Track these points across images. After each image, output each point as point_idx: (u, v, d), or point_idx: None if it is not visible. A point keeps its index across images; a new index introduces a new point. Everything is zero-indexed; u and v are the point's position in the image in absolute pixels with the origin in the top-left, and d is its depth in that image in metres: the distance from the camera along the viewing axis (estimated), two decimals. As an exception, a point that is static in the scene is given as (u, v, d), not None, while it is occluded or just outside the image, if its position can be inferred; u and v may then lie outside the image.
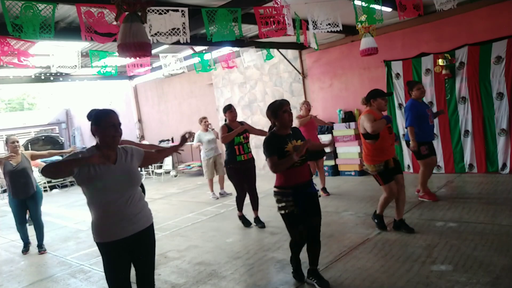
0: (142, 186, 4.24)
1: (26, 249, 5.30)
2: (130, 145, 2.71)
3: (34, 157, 5.44)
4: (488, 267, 3.21)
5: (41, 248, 5.28)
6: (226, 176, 5.52)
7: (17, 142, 5.21)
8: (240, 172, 5.20)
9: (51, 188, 11.73)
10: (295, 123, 6.15)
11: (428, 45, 6.92)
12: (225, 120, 5.38)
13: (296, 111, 8.97)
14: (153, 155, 2.82)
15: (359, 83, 7.94)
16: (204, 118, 7.64)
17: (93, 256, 4.84)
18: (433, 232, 4.17)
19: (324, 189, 6.59)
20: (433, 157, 5.42)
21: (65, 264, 4.70)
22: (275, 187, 3.24)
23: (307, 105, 6.51)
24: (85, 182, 2.36)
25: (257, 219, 5.32)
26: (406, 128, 5.34)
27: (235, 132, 5.13)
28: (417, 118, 5.20)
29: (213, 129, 7.70)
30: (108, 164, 2.34)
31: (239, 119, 5.53)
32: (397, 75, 7.37)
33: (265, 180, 8.66)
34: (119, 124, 2.48)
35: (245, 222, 5.34)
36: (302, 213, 3.15)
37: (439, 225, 4.39)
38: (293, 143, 3.15)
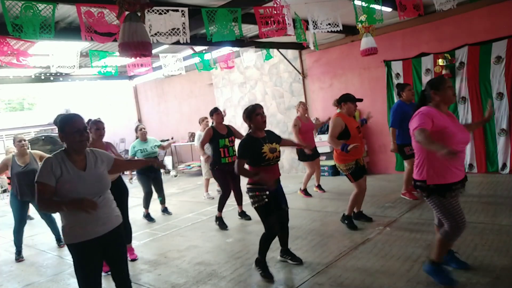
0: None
1: (20, 257, 5.08)
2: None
3: (42, 159, 5.35)
4: (488, 267, 3.21)
5: (60, 242, 5.42)
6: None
7: (24, 141, 5.12)
8: (226, 174, 5.34)
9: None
10: (294, 132, 6.46)
11: (428, 45, 6.91)
12: (212, 123, 5.55)
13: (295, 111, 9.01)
14: (123, 163, 2.84)
15: (359, 83, 7.94)
16: (206, 118, 7.64)
17: (93, 256, 4.84)
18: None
19: (319, 186, 6.83)
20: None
21: (65, 264, 4.70)
22: (249, 183, 3.48)
23: (303, 105, 6.61)
24: (59, 188, 2.39)
25: (243, 213, 5.64)
26: (389, 128, 5.53)
27: (205, 157, 5.54)
28: (402, 120, 5.24)
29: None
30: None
31: (239, 119, 5.59)
32: (397, 75, 7.37)
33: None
34: (85, 128, 2.46)
35: (222, 225, 5.37)
36: (275, 205, 3.50)
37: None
38: (269, 146, 3.45)
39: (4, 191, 10.93)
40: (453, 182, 2.80)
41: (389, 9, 5.57)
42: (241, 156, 3.44)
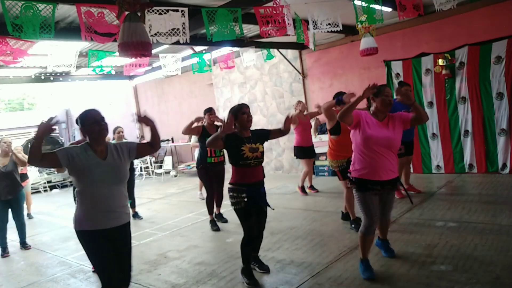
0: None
1: (5, 253, 5.28)
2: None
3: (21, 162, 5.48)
4: (488, 267, 3.21)
5: (25, 245, 5.49)
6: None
7: (10, 143, 5.34)
8: (210, 174, 5.35)
9: (51, 188, 11.73)
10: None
11: (428, 45, 6.92)
12: (204, 122, 5.49)
13: (293, 111, 9.00)
14: (147, 145, 2.88)
15: (359, 83, 7.93)
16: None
17: (93, 256, 4.83)
18: (433, 232, 4.17)
19: (312, 187, 6.92)
20: (409, 156, 5.68)
21: (65, 264, 4.70)
22: (230, 183, 3.46)
23: (302, 104, 6.69)
24: (76, 173, 2.55)
25: (220, 215, 5.60)
26: None
27: (191, 128, 5.31)
28: None
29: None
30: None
31: None
32: (397, 75, 7.37)
33: (266, 180, 8.64)
34: (102, 118, 2.63)
35: (214, 225, 5.37)
36: (256, 208, 3.44)
37: (439, 225, 4.39)
38: (252, 145, 3.38)
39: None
40: (372, 180, 3.16)
41: (389, 9, 5.57)
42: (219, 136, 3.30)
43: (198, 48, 8.04)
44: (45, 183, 11.46)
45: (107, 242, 2.60)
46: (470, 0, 6.14)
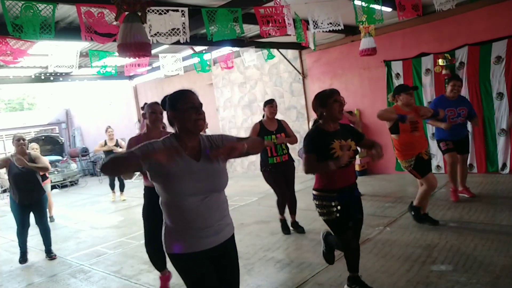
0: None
1: (24, 259, 4.87)
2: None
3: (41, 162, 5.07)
4: (488, 267, 3.21)
5: (50, 253, 4.98)
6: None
7: (23, 140, 4.71)
8: (275, 176, 4.69)
9: (51, 188, 11.71)
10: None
11: (428, 45, 6.92)
12: (263, 116, 4.83)
13: (296, 111, 8.99)
14: (242, 146, 2.02)
15: (359, 83, 7.94)
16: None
17: (93, 256, 4.84)
18: (433, 232, 4.17)
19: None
20: (453, 153, 5.17)
21: (65, 264, 4.70)
22: (315, 189, 2.93)
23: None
24: (160, 179, 1.90)
25: (295, 224, 4.90)
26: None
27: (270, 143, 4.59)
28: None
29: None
30: (172, 162, 1.85)
31: (239, 119, 5.39)
32: (397, 75, 7.37)
33: (265, 180, 8.65)
34: (200, 105, 1.95)
35: (285, 228, 4.82)
36: (350, 216, 2.90)
37: (439, 225, 4.39)
38: (341, 142, 2.78)
39: (4, 191, 10.93)
40: None
41: (389, 9, 5.57)
42: (308, 152, 2.80)
43: (198, 48, 8.04)
44: (45, 183, 11.45)
45: (207, 263, 1.97)
46: (470, 0, 6.15)
